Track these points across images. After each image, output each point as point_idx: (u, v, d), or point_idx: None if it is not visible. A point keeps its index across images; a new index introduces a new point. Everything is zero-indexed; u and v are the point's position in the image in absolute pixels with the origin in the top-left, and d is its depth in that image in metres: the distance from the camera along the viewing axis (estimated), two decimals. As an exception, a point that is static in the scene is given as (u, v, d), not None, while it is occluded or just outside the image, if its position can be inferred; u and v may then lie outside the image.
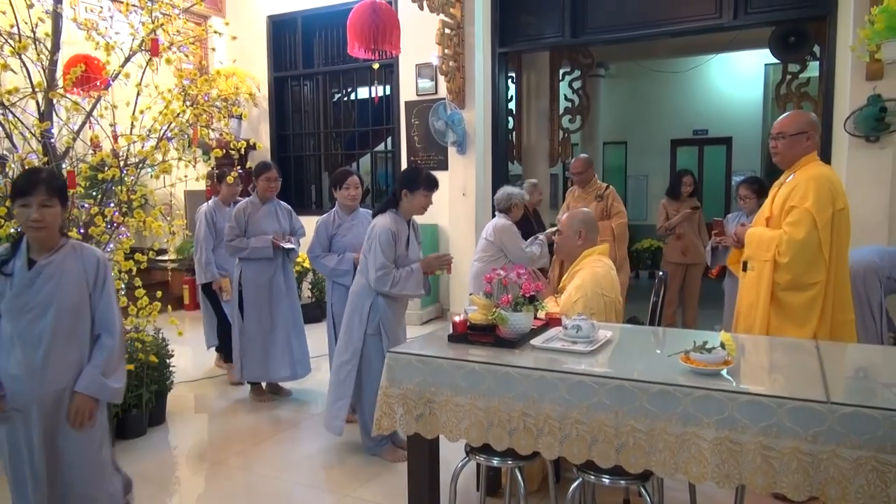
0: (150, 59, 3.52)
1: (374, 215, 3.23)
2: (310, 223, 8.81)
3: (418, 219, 3.36)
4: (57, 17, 3.47)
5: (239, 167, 4.20)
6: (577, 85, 7.91)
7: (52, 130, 3.46)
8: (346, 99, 7.78)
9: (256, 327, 4.11)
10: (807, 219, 2.63)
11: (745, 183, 4.51)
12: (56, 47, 3.46)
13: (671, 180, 5.80)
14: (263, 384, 4.30)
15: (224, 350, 4.80)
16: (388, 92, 7.19)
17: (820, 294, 2.65)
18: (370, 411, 3.21)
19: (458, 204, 6.32)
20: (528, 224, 4.95)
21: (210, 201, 4.74)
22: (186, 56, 3.81)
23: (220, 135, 4.58)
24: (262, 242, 4.07)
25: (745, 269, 2.89)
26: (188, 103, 3.68)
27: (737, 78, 9.83)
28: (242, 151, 4.03)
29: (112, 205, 3.55)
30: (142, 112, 3.54)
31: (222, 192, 4.70)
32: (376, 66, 5.00)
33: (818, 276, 2.64)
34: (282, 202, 4.35)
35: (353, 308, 3.20)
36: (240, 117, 7.16)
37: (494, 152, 6.43)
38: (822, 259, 2.63)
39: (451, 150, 6.35)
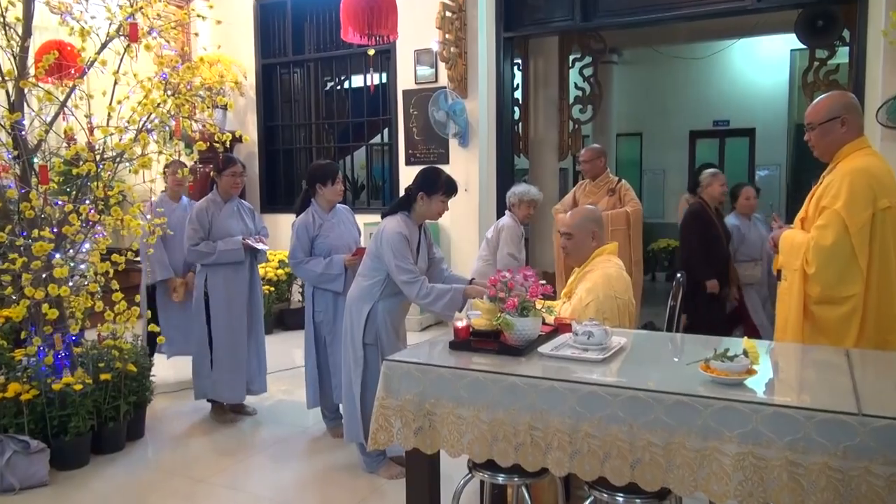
0: (128, 46, 3.53)
1: (383, 216, 3.21)
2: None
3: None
4: (28, 1, 3.48)
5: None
6: (588, 72, 7.91)
7: (24, 122, 3.47)
8: (339, 88, 7.78)
9: (229, 340, 4.03)
10: (836, 222, 2.48)
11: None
12: (27, 33, 3.47)
13: (695, 175, 5.79)
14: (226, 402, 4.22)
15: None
16: (384, 80, 7.19)
17: (857, 309, 2.49)
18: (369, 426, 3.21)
19: (460, 201, 6.26)
20: (709, 224, 4.53)
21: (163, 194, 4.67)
22: (167, 42, 3.82)
23: (204, 126, 4.58)
24: (231, 245, 3.96)
25: (779, 277, 2.78)
26: (169, 92, 3.68)
27: (760, 65, 9.83)
28: (228, 144, 4.03)
29: (87, 202, 3.55)
30: (119, 102, 3.54)
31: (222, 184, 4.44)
32: (372, 52, 4.99)
33: (852, 288, 2.49)
34: (243, 200, 4.27)
35: (351, 314, 3.18)
36: (225, 107, 7.18)
37: (499, 145, 6.43)
38: (856, 269, 2.47)
39: (453, 143, 6.36)
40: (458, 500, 2.35)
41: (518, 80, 7.61)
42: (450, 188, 3.14)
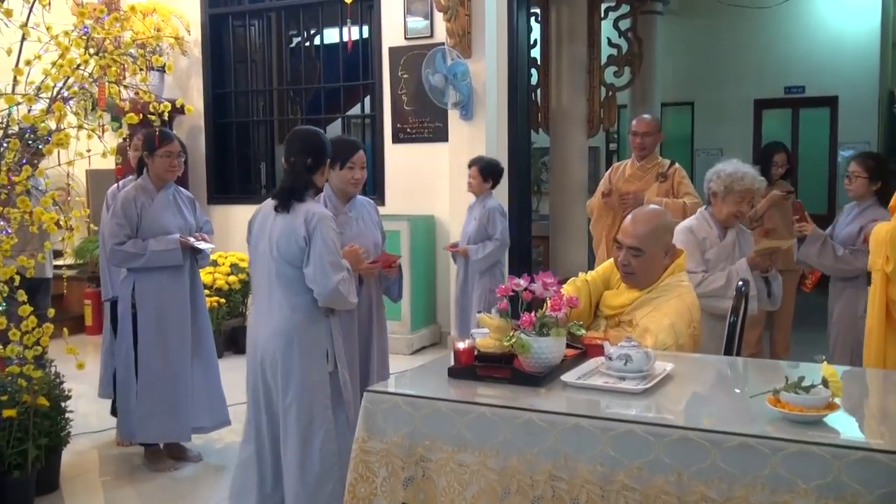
0: (39, -9, 3.53)
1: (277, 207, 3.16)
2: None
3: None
4: (-88, -67, 3.48)
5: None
6: (625, 25, 7.93)
7: None
8: (308, 45, 7.78)
9: (161, 364, 4.02)
10: None
11: (857, 158, 4.47)
12: (-90, -26, 3.47)
13: (757, 157, 5.80)
14: (162, 444, 4.20)
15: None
16: (365, 35, 7.20)
17: None
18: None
19: (461, 188, 6.31)
20: None
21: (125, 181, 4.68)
22: (89, -14, 3.82)
23: (136, 94, 4.57)
24: (165, 244, 3.94)
25: (870, 280, 2.86)
26: (92, 51, 3.68)
27: (845, 15, 9.84)
28: (166, 116, 4.03)
29: (-13, 190, 3.55)
30: (28, 63, 3.54)
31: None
32: (350, -1, 5.01)
33: None
34: (181, 188, 4.27)
35: (304, 346, 3.09)
36: (163, 70, 7.17)
37: (512, 117, 6.43)
38: None
39: (453, 115, 6.36)
40: (460, 570, 2.35)
41: (536, 35, 7.62)
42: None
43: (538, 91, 7.84)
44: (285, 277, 3.05)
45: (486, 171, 5.28)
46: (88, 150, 3.74)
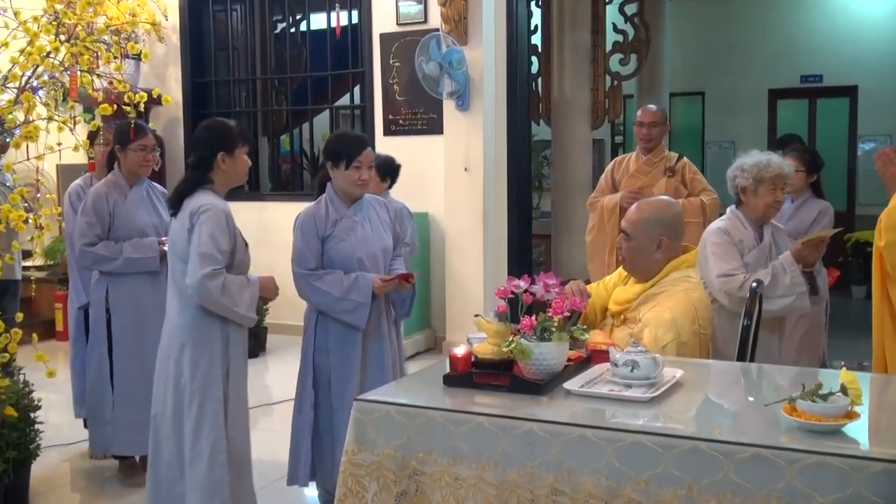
0: (6, -27, 3.52)
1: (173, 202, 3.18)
2: (244, 214, 8.75)
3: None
4: None
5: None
6: (631, 10, 7.93)
7: None
8: (293, 31, 7.77)
9: (138, 371, 3.98)
10: None
11: (793, 153, 4.57)
12: None
13: (772, 150, 5.81)
14: (137, 457, 4.17)
15: None
16: (354, 20, 7.19)
17: None
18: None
19: (457, 183, 6.33)
20: None
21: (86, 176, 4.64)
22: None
23: (110, 83, 4.56)
24: (143, 250, 3.93)
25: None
26: (63, 38, 3.67)
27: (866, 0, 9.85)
28: (142, 107, 4.03)
29: (-49, 186, 3.54)
30: (-6, 50, 3.53)
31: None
32: (338, -18, 5.00)
33: None
34: (154, 183, 4.25)
35: (194, 345, 3.08)
36: (138, 57, 7.15)
37: (511, 108, 6.43)
38: None
39: (448, 106, 6.35)
40: (456, 591, 2.34)
41: (537, 20, 7.62)
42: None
43: (539, 80, 7.83)
44: (176, 274, 3.14)
45: (382, 170, 4.85)
46: (59, 144, 3.73)
